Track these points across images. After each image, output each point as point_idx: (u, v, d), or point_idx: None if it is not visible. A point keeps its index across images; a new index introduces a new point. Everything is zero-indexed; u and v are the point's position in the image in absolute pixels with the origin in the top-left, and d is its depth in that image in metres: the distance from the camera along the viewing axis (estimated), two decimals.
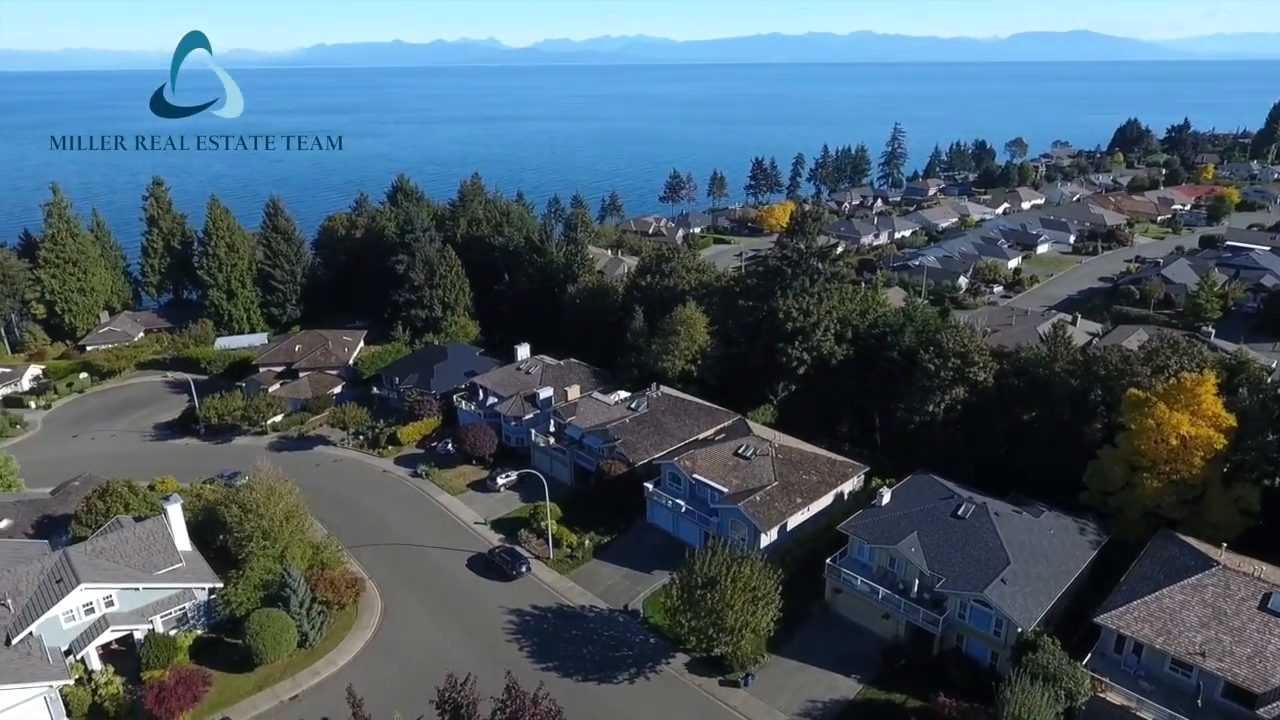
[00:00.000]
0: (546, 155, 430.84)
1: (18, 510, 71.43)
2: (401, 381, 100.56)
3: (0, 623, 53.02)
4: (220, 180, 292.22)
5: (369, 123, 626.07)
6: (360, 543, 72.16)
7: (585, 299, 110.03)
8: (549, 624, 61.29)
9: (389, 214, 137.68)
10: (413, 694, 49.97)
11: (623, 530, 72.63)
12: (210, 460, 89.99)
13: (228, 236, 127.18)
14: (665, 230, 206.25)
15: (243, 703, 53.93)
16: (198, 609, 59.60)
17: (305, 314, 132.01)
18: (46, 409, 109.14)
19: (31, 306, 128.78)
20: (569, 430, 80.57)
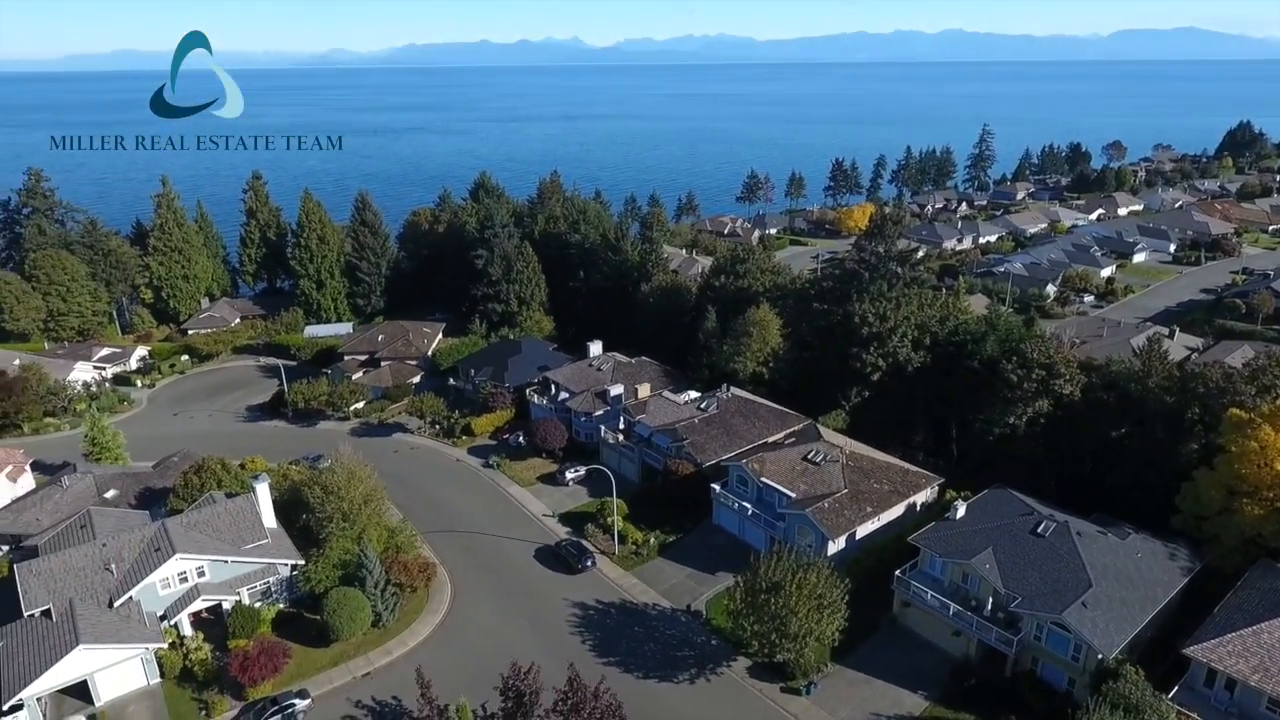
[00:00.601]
0: (624, 154, 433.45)
1: (123, 482, 76.44)
2: (477, 374, 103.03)
3: (105, 586, 56.97)
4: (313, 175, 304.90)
5: (454, 121, 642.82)
6: (433, 529, 74.35)
7: (659, 298, 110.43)
8: (612, 619, 61.89)
9: (470, 210, 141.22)
10: (478, 679, 51.26)
11: (688, 530, 72.70)
12: (296, 442, 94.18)
13: (319, 229, 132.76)
14: (741, 231, 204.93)
15: (319, 676, 56.33)
16: (280, 584, 62.59)
17: (388, 305, 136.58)
18: (151, 388, 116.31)
19: (141, 291, 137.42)
20: (638, 428, 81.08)
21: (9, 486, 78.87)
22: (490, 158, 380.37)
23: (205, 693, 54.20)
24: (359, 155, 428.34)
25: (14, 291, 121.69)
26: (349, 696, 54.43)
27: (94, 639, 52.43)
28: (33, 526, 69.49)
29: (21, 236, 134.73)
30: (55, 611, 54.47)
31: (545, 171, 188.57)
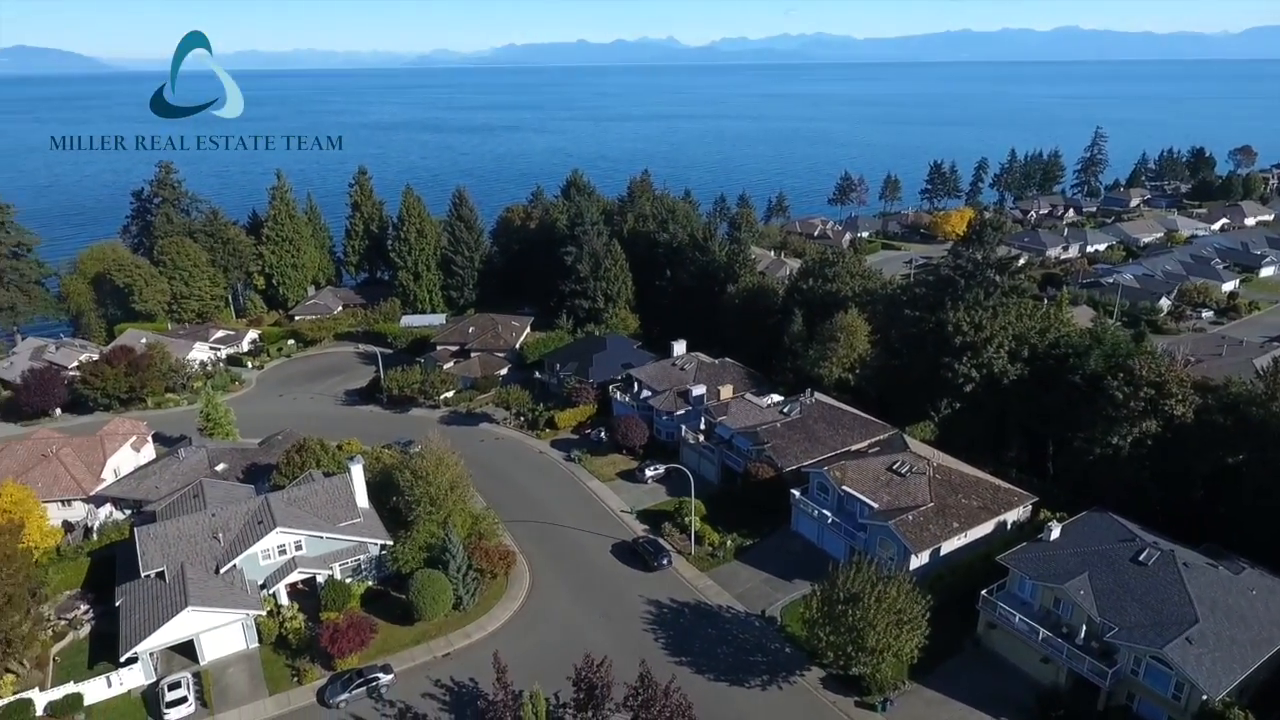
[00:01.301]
0: (715, 154, 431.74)
1: (232, 456, 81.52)
2: (562, 368, 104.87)
3: (212, 553, 60.94)
4: (414, 170, 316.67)
5: (548, 119, 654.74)
6: (514, 518, 76.20)
7: (745, 299, 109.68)
8: (685, 619, 62.01)
9: (561, 207, 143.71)
10: (551, 668, 52.30)
11: (765, 535, 72.04)
12: (390, 427, 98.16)
13: (418, 223, 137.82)
14: (831, 233, 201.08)
15: (402, 653, 58.63)
16: (370, 562, 65.47)
17: (480, 298, 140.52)
18: (260, 369, 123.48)
19: (254, 278, 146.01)
20: (719, 429, 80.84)
21: (133, 455, 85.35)
22: (582, 156, 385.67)
23: (297, 660, 57.25)
24: (457, 152, 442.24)
25: (144, 275, 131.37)
26: (429, 675, 56.45)
27: (201, 602, 56.19)
28: (152, 493, 75.00)
29: (152, 224, 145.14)
30: (168, 574, 58.65)
31: (636, 170, 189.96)
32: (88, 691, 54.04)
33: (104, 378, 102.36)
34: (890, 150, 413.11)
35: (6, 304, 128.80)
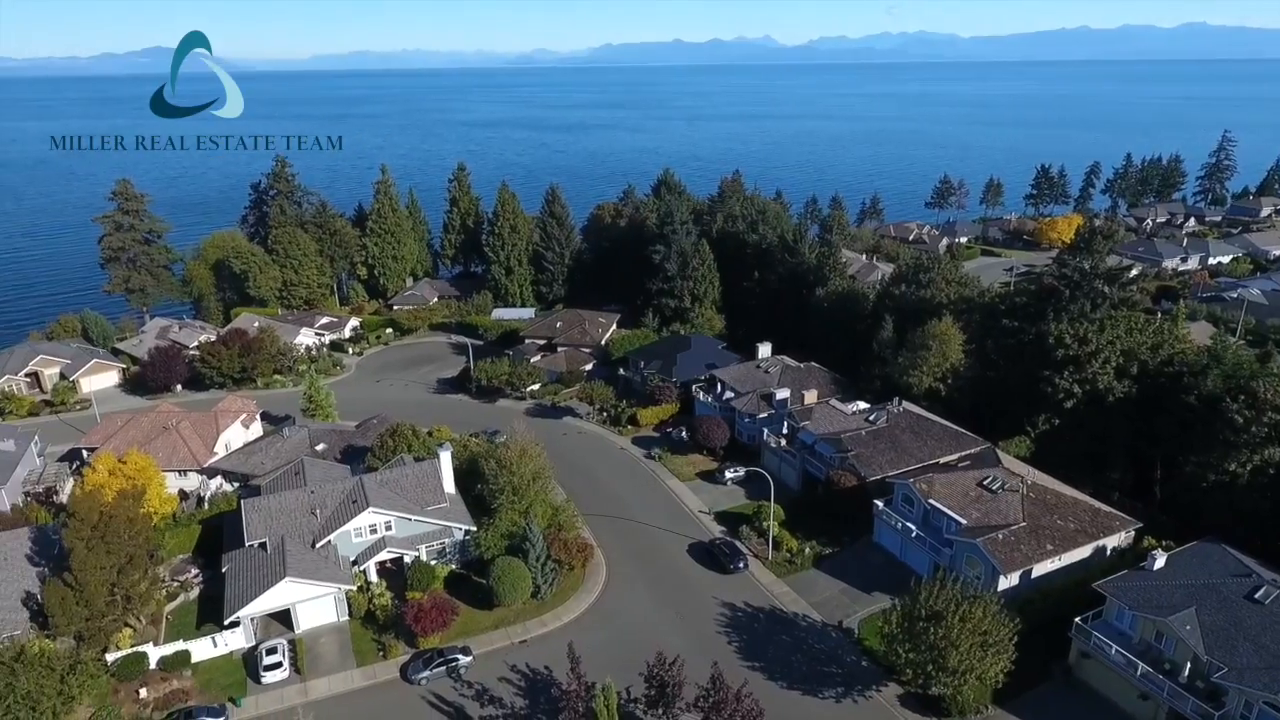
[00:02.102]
0: (808, 154, 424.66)
1: (331, 437, 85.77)
2: (646, 366, 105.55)
3: (310, 528, 64.31)
4: (510, 167, 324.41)
5: (642, 119, 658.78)
6: (593, 512, 77.26)
7: (834, 303, 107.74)
8: (760, 624, 61.52)
9: (651, 206, 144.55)
10: (624, 662, 52.85)
11: (846, 544, 70.64)
12: (477, 416, 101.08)
13: (512, 219, 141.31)
14: (927, 238, 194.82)
15: (481, 636, 60.41)
16: (454, 546, 67.70)
17: (569, 294, 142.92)
18: (360, 355, 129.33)
19: (357, 268, 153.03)
20: (802, 435, 79.72)
21: (242, 432, 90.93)
22: (674, 155, 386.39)
23: (384, 636, 59.82)
24: (551, 149, 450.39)
25: (258, 262, 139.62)
26: (505, 660, 57.94)
27: (298, 574, 59.39)
28: (258, 468, 79.75)
29: (268, 215, 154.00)
30: (270, 545, 62.26)
31: (727, 170, 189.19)
32: (195, 650, 58.03)
33: (219, 358, 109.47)
34: (993, 153, 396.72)
35: (138, 286, 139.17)
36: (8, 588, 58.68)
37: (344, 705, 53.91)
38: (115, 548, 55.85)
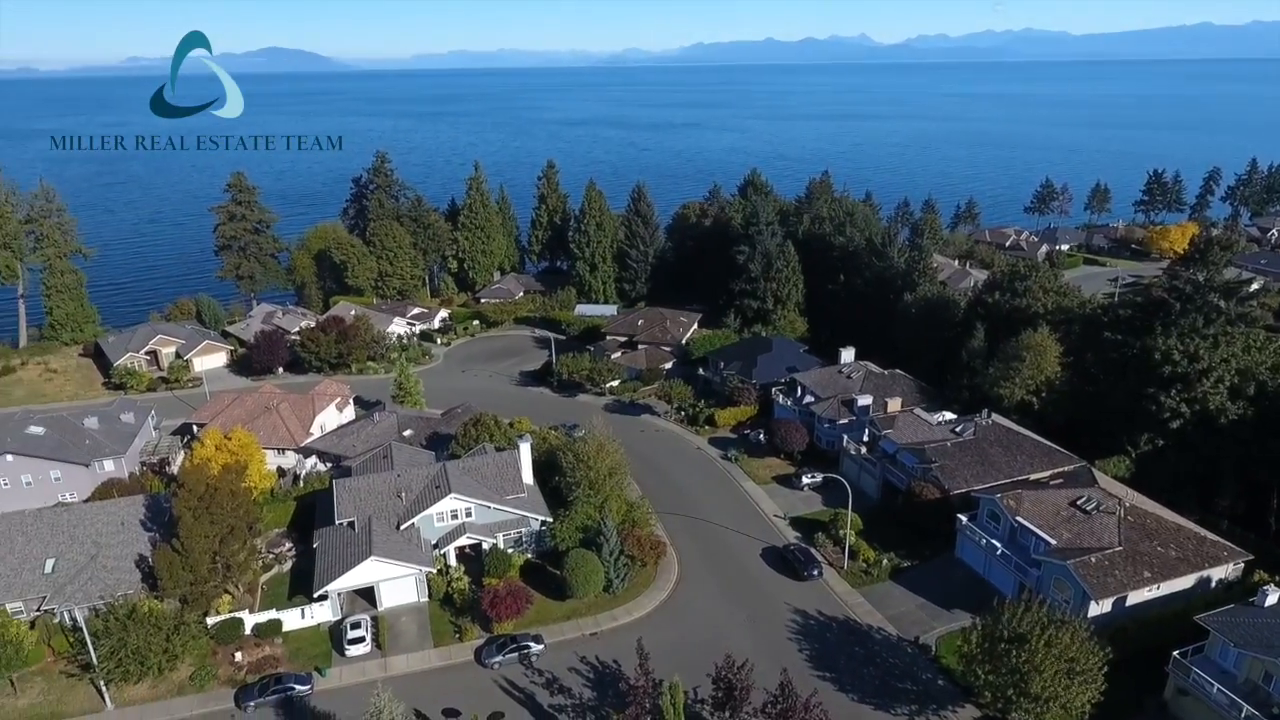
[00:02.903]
0: (901, 156, 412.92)
1: (418, 424, 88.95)
2: (726, 367, 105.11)
3: (395, 510, 66.90)
4: (597, 165, 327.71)
5: (730, 118, 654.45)
6: (667, 510, 77.52)
7: (922, 309, 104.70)
8: (832, 634, 60.51)
9: (737, 205, 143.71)
10: (693, 662, 52.94)
11: (926, 558, 68.64)
12: (557, 410, 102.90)
13: (598, 217, 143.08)
14: (1025, 244, 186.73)
15: (552, 626, 61.57)
16: (530, 536, 69.20)
17: (651, 292, 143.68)
18: (447, 346, 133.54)
19: (448, 261, 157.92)
20: (883, 443, 77.86)
21: (336, 415, 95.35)
22: (762, 155, 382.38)
23: (460, 619, 61.69)
24: (638, 148, 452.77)
25: (357, 253, 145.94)
26: (576, 651, 58.88)
27: (383, 553, 61.90)
28: (349, 450, 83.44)
29: (367, 208, 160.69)
30: (358, 524, 65.08)
31: (816, 171, 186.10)
32: (286, 619, 61.27)
33: (318, 343, 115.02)
34: (1102, 156, 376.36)
35: (247, 273, 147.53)
36: (124, 550, 63.41)
37: (421, 683, 55.87)
38: (219, 518, 59.50)
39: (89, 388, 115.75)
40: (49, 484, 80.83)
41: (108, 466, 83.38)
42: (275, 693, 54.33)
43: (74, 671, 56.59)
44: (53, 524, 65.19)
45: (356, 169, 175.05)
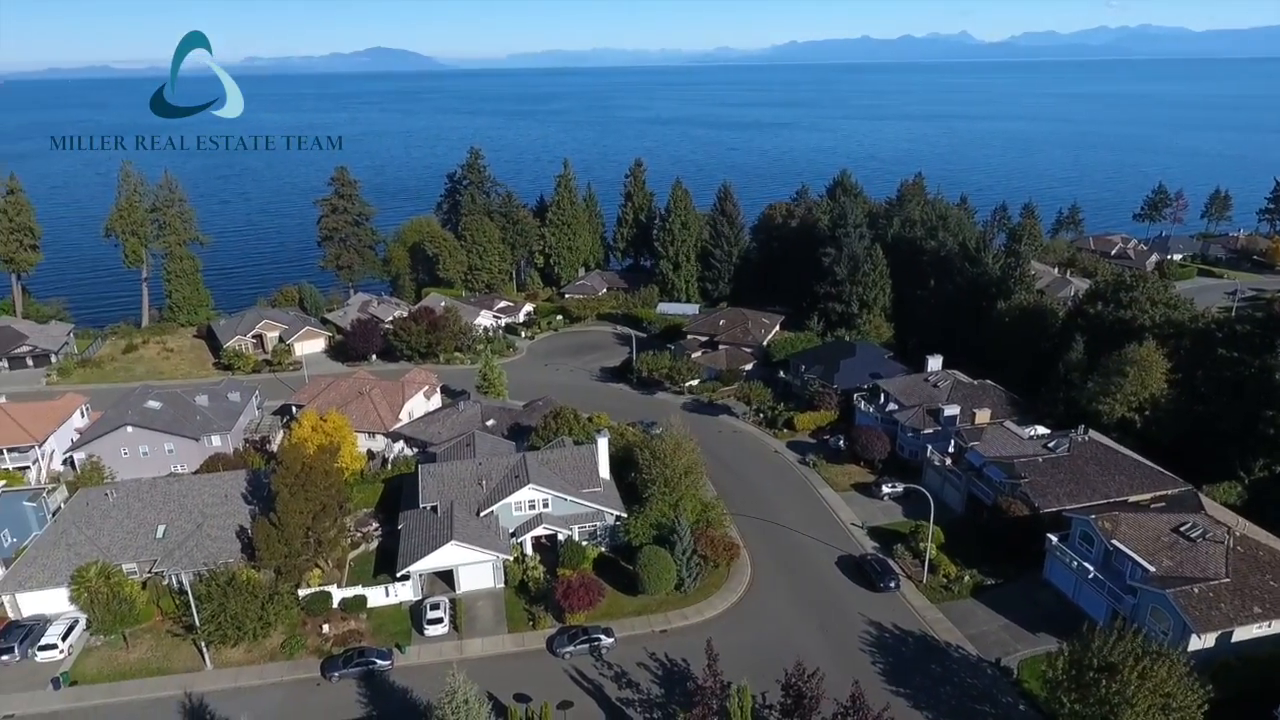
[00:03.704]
0: (1000, 158, 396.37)
1: (500, 414, 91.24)
2: (807, 370, 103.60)
3: (476, 497, 68.87)
4: (683, 163, 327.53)
5: (821, 118, 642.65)
6: (741, 512, 77.09)
7: (1016, 318, 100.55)
8: (908, 649, 58.96)
9: (824, 207, 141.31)
10: (762, 666, 52.53)
11: (1010, 577, 65.97)
12: (635, 407, 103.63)
13: (683, 215, 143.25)
14: (1133, 253, 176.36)
15: (623, 620, 62.18)
16: (605, 530, 70.05)
17: (734, 292, 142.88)
18: (531, 339, 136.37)
19: (535, 256, 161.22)
20: (970, 455, 75.22)
21: (424, 402, 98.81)
22: (852, 155, 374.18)
23: (534, 607, 63.04)
24: (725, 147, 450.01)
25: (449, 247, 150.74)
26: (645, 646, 59.29)
27: (463, 539, 63.84)
28: (435, 437, 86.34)
29: (460, 203, 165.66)
30: (440, 509, 67.32)
31: (909, 173, 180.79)
32: (370, 596, 63.99)
33: (409, 333, 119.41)
34: (1222, 161, 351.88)
35: (346, 264, 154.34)
36: (226, 521, 67.55)
37: (494, 666, 57.35)
38: (313, 496, 62.60)
39: (201, 367, 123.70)
40: (163, 455, 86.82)
41: (215, 442, 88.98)
42: (358, 665, 56.88)
43: (178, 631, 60.66)
44: (165, 493, 70.12)
45: (451, 165, 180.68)
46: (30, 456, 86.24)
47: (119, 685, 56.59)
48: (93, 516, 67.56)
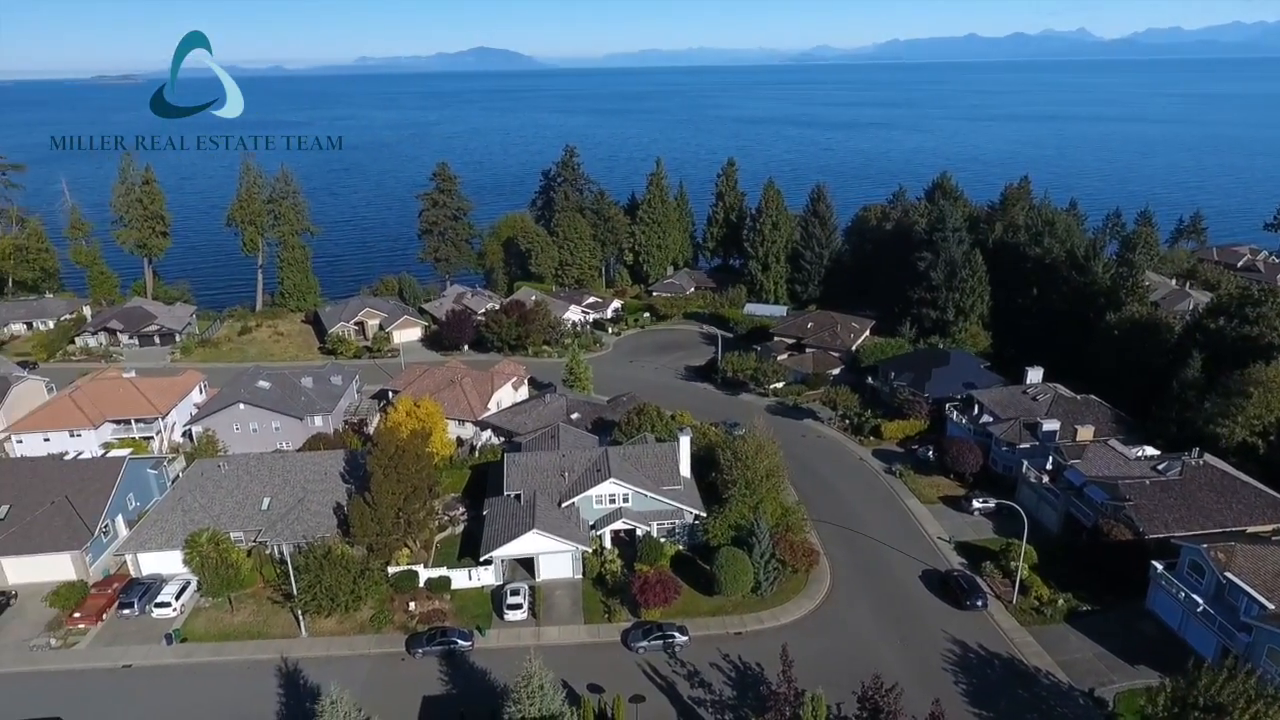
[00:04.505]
0: (1115, 161, 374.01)
1: (584, 408, 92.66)
2: (896, 377, 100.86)
3: (558, 488, 70.22)
4: (776, 163, 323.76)
5: (920, 118, 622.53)
6: (822, 518, 75.83)
7: (1127, 332, 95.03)
8: (993, 672, 56.72)
9: (922, 210, 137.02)
10: (838, 677, 51.68)
11: (1109, 604, 62.50)
12: (718, 407, 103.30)
13: (774, 216, 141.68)
14: (1263, 265, 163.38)
15: (698, 619, 62.12)
16: (683, 528, 70.20)
17: (823, 295, 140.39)
18: (618, 336, 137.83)
19: (624, 254, 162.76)
20: (1069, 473, 71.64)
21: (511, 393, 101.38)
22: (953, 157, 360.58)
23: (610, 600, 63.79)
24: (820, 147, 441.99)
25: (541, 243, 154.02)
26: (719, 647, 59.13)
27: (544, 528, 65.19)
28: (521, 427, 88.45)
29: (553, 200, 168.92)
30: (523, 497, 68.98)
31: (1014, 176, 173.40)
32: (454, 578, 66.19)
33: (500, 325, 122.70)
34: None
35: (444, 256, 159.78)
36: (325, 497, 71.20)
37: (569, 655, 58.34)
38: (404, 478, 65.24)
39: (307, 350, 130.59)
40: (270, 432, 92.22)
41: (317, 422, 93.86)
42: (440, 644, 58.96)
43: (278, 599, 64.36)
44: (271, 467, 74.51)
45: (547, 162, 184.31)
46: (155, 428, 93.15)
47: (223, 645, 60.54)
48: (206, 486, 72.45)
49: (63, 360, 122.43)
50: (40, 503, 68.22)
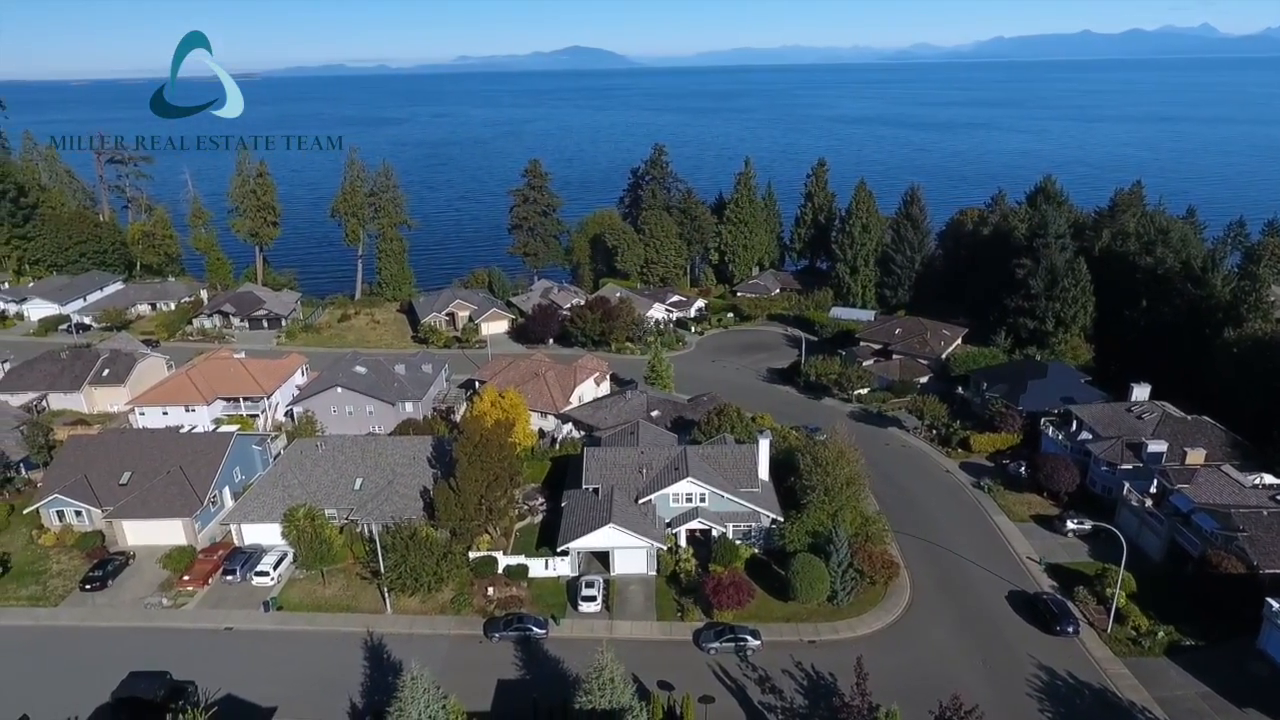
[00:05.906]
0: (1240, 167, 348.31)
1: (665, 406, 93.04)
2: (989, 388, 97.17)
3: (635, 484, 70.74)
4: (867, 164, 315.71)
5: (1023, 118, 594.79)
6: (904, 530, 73.86)
7: (1248, 349, 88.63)
8: (1082, 702, 54.06)
9: (1022, 215, 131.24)
10: (914, 694, 50.33)
11: (1215, 640, 58.65)
12: (800, 411, 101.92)
13: (864, 218, 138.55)
14: None
15: (771, 624, 61.56)
16: (760, 531, 69.66)
17: (913, 300, 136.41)
18: (701, 335, 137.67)
19: (710, 253, 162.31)
20: (1175, 498, 67.54)
21: (593, 388, 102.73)
22: (1059, 160, 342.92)
23: (683, 598, 63.96)
24: (914, 148, 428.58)
25: (628, 240, 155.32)
26: (791, 654, 58.47)
27: (621, 523, 65.87)
28: (601, 422, 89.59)
29: (641, 198, 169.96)
30: (601, 491, 69.85)
31: (1125, 180, 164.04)
32: (532, 566, 67.67)
33: (585, 320, 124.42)
34: None
35: (532, 251, 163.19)
36: (413, 480, 73.95)
37: (641, 651, 58.76)
38: (488, 466, 67.08)
39: (401, 339, 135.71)
40: (364, 416, 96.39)
41: (408, 408, 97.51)
42: (516, 630, 60.43)
43: (366, 576, 67.29)
44: (364, 449, 77.90)
45: (636, 160, 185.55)
46: (260, 407, 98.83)
47: (315, 616, 63.74)
48: (304, 464, 76.36)
49: (181, 340, 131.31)
50: (157, 471, 73.42)
